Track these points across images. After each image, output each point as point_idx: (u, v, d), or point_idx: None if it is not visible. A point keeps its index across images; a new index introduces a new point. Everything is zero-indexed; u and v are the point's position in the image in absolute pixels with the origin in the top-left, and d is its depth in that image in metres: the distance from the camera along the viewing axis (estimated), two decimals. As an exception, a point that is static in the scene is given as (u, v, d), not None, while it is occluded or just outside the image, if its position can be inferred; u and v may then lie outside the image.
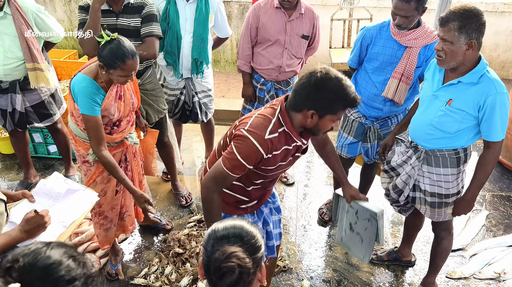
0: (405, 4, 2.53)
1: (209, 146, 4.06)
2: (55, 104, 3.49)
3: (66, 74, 4.35)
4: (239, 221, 1.37)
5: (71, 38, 5.45)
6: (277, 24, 3.18)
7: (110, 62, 2.27)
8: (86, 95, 2.32)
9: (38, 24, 3.20)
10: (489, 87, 2.14)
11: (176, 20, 3.20)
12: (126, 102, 2.55)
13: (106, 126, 2.51)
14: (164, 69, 3.40)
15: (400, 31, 2.69)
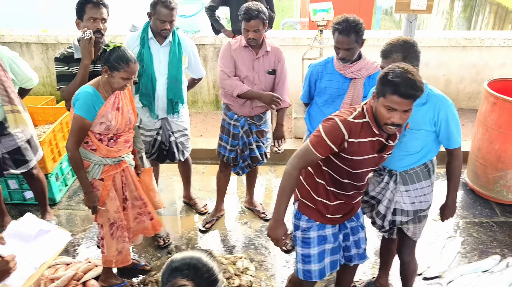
0: (346, 37, 2.73)
1: (186, 185, 4.09)
2: (31, 150, 3.47)
3: (43, 120, 4.39)
4: (198, 253, 1.40)
5: (48, 84, 5.52)
6: (246, 62, 3.31)
7: (115, 65, 2.55)
8: (86, 98, 2.59)
9: (13, 69, 3.26)
10: (438, 103, 2.36)
11: (150, 63, 3.31)
12: (124, 115, 2.74)
13: (103, 137, 2.71)
14: (140, 111, 3.47)
15: (344, 65, 2.86)
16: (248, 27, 3.16)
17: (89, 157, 2.75)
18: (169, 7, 3.17)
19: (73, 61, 2.99)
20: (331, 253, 2.48)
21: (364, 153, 2.16)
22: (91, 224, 3.88)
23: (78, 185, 4.39)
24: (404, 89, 1.96)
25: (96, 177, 2.79)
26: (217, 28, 4.59)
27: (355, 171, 2.23)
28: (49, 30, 5.35)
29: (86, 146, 2.73)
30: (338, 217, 2.43)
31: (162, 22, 3.19)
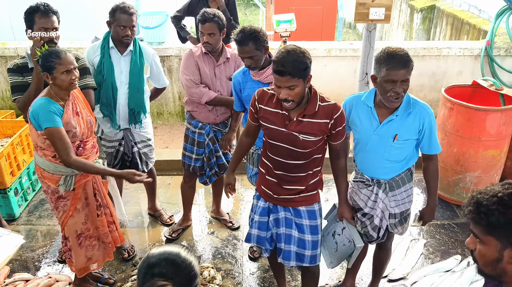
0: (244, 47, 2.83)
1: (151, 196, 4.03)
2: None
3: (1, 134, 4.27)
4: (176, 248, 1.37)
5: (8, 98, 5.38)
6: (208, 69, 3.32)
7: (49, 64, 2.50)
8: (45, 109, 2.52)
9: None
10: (422, 112, 2.46)
11: (111, 72, 3.28)
12: (84, 118, 2.72)
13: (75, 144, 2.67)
14: (101, 121, 3.43)
15: (257, 72, 2.96)
16: (203, 30, 3.17)
17: (59, 170, 2.68)
18: (128, 12, 3.16)
19: (27, 71, 2.90)
20: (258, 225, 2.67)
21: (272, 123, 2.40)
22: (52, 239, 3.77)
23: (38, 199, 4.26)
24: (276, 67, 2.20)
25: (69, 188, 2.72)
26: (182, 35, 4.60)
27: (271, 141, 2.45)
28: (8, 43, 5.23)
29: (55, 159, 2.65)
30: (269, 193, 2.59)
31: (123, 28, 3.17)
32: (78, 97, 2.77)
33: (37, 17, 2.81)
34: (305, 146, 2.38)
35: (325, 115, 2.34)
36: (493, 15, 5.46)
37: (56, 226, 3.92)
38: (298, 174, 2.49)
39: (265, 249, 2.74)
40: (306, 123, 2.35)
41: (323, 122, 2.35)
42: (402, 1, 9.68)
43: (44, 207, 4.16)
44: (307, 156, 2.43)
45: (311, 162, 2.46)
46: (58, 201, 2.77)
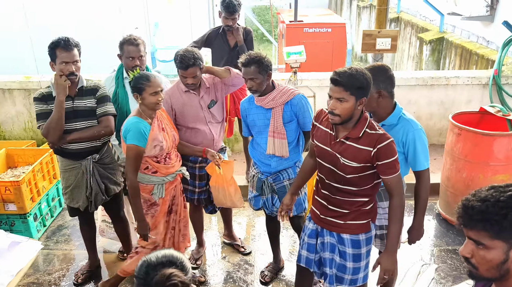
0: (247, 68, 2.98)
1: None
2: None
3: (23, 161, 4.46)
4: (168, 251, 1.51)
5: (29, 129, 5.61)
6: (193, 106, 3.30)
7: (139, 86, 2.82)
8: (136, 127, 2.84)
9: None
10: (407, 126, 2.54)
11: (125, 101, 3.45)
12: (169, 134, 3.02)
13: (159, 159, 2.98)
14: (117, 148, 3.57)
15: (259, 98, 3.08)
16: (185, 75, 3.17)
17: (152, 180, 3.01)
18: (134, 44, 3.34)
19: (51, 99, 3.05)
20: (307, 247, 2.71)
21: (321, 141, 2.47)
22: (68, 263, 3.86)
23: (56, 225, 4.39)
24: (332, 75, 2.27)
25: (162, 196, 3.05)
26: (198, 67, 4.80)
27: (318, 159, 2.51)
28: (32, 76, 5.51)
29: (147, 171, 2.99)
30: (317, 213, 2.62)
31: (131, 59, 3.35)
32: (162, 115, 3.06)
33: (59, 51, 2.97)
34: (345, 170, 2.36)
35: (368, 143, 2.30)
36: (500, 45, 5.58)
37: (72, 251, 4.02)
38: (340, 197, 2.47)
39: (314, 272, 2.76)
40: (347, 146, 2.34)
41: (365, 149, 2.31)
42: (412, 34, 9.89)
43: (61, 232, 4.29)
44: (349, 182, 2.39)
45: (356, 191, 2.42)
46: (150, 208, 3.08)
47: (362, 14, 14.13)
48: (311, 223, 2.69)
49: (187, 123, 3.32)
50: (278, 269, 3.68)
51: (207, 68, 3.36)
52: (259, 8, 16.95)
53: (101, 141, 3.21)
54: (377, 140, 2.28)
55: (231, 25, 4.48)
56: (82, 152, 3.15)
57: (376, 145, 2.28)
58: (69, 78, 2.98)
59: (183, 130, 3.33)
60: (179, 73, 3.21)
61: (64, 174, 3.23)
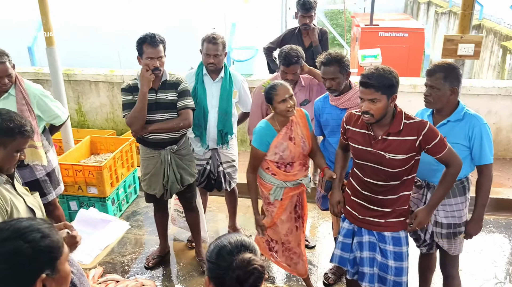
0: (328, 67, 3.00)
1: (232, 215, 4.23)
2: (50, 184, 3.48)
3: (105, 149, 4.77)
4: (238, 235, 1.55)
5: (111, 120, 5.99)
6: None
7: (269, 96, 2.89)
8: (259, 132, 2.98)
9: (40, 106, 3.35)
10: (473, 121, 2.58)
11: (204, 97, 3.60)
12: (297, 144, 2.99)
13: (280, 165, 3.02)
14: (193, 141, 3.73)
15: (335, 97, 3.09)
16: (287, 71, 3.41)
17: (271, 181, 3.07)
18: (212, 42, 3.48)
19: (137, 90, 3.23)
20: (341, 246, 2.76)
21: (358, 142, 2.52)
22: (140, 247, 4.09)
23: (131, 211, 4.66)
24: (362, 78, 2.35)
25: (278, 198, 3.09)
26: (272, 67, 4.90)
27: (358, 161, 2.53)
28: (116, 70, 5.88)
29: (268, 171, 3.06)
30: (355, 214, 2.65)
31: (207, 56, 3.50)
32: (298, 124, 3.04)
33: (145, 47, 3.15)
34: (392, 165, 2.43)
35: (411, 133, 2.40)
36: None
37: (145, 236, 4.25)
38: (384, 196, 2.53)
39: (347, 271, 2.80)
40: (391, 141, 2.42)
41: (410, 140, 2.40)
42: (494, 42, 9.36)
43: (135, 218, 4.54)
44: (395, 176, 2.47)
45: (399, 184, 2.50)
46: (268, 206, 3.17)
47: (440, 20, 13.59)
48: (346, 223, 2.74)
49: None
50: (342, 272, 3.66)
51: (309, 69, 3.53)
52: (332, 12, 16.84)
53: (179, 133, 3.37)
54: (419, 128, 2.38)
55: (307, 23, 4.52)
56: (161, 142, 3.32)
57: (420, 132, 2.37)
58: (154, 72, 3.16)
59: None
60: (280, 69, 3.44)
61: (144, 162, 3.42)
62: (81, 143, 4.63)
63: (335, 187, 2.87)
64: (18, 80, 3.26)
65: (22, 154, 2.06)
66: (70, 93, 5.83)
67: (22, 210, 2.05)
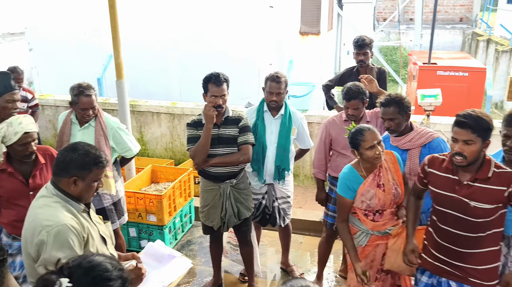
0: (387, 108, 3.02)
1: (285, 251, 4.23)
2: (115, 213, 3.65)
3: (164, 178, 4.96)
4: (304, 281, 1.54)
5: (169, 149, 6.22)
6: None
7: (354, 141, 2.78)
8: (343, 178, 2.87)
9: (115, 138, 3.58)
10: None
11: (263, 133, 3.69)
12: (387, 191, 2.81)
13: (368, 213, 2.86)
14: (250, 175, 3.81)
15: (395, 138, 3.06)
16: (348, 105, 3.47)
17: (357, 225, 2.93)
18: (275, 81, 3.60)
19: (201, 125, 3.38)
20: None
21: (441, 187, 2.43)
22: (193, 277, 4.16)
23: (186, 240, 4.77)
24: (458, 118, 2.28)
25: (362, 244, 2.92)
26: (330, 104, 4.96)
27: (439, 208, 2.43)
28: (177, 103, 6.15)
29: (355, 215, 2.92)
30: (436, 265, 2.50)
31: (270, 94, 3.61)
32: (389, 169, 2.86)
33: (210, 85, 3.32)
34: (476, 214, 2.31)
35: (501, 182, 2.28)
36: None
37: (198, 266, 4.32)
38: (467, 249, 2.38)
39: None
40: (477, 188, 2.31)
41: (498, 189, 2.28)
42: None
43: (189, 247, 4.64)
44: (479, 227, 2.33)
45: (485, 237, 2.35)
46: None
47: (500, 58, 13.19)
48: (425, 276, 2.60)
49: (339, 149, 3.58)
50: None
51: (378, 89, 3.58)
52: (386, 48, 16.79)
53: (239, 168, 3.46)
54: (511, 178, 2.28)
55: (362, 60, 4.56)
56: (221, 175, 3.42)
57: (510, 184, 2.26)
58: (217, 109, 3.30)
59: (336, 154, 3.63)
60: (343, 104, 3.55)
61: (204, 194, 3.53)
62: (143, 171, 4.84)
63: (409, 235, 2.72)
64: (99, 113, 3.52)
65: (99, 183, 2.20)
66: (134, 123, 6.14)
67: (96, 238, 2.17)
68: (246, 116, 3.52)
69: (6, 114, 3.08)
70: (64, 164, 2.10)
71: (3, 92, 3.16)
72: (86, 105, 3.43)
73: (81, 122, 3.52)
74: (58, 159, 2.13)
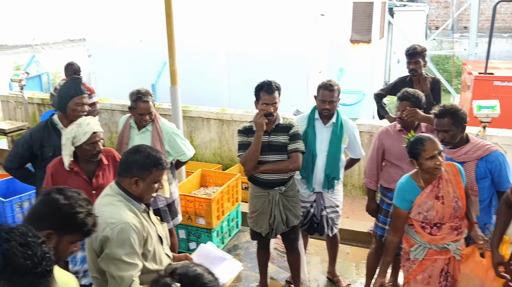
0: (441, 119, 2.95)
1: (332, 261, 4.19)
2: (169, 214, 3.78)
3: (213, 182, 5.07)
4: None
5: (218, 155, 6.33)
6: (401, 146, 3.37)
7: (414, 151, 2.72)
8: (399, 188, 2.84)
9: (170, 143, 3.71)
10: None
11: (313, 141, 3.70)
12: (446, 204, 2.71)
13: (425, 225, 2.77)
14: (298, 182, 3.81)
15: (450, 150, 2.98)
16: (401, 107, 3.44)
17: (414, 237, 2.84)
18: (328, 89, 3.60)
19: (252, 133, 3.43)
20: None
21: None
22: (239, 281, 4.20)
23: (232, 244, 4.83)
24: None
25: (419, 258, 2.82)
26: (381, 113, 4.90)
27: None
28: (227, 109, 6.26)
29: (412, 227, 2.84)
30: None
31: (322, 103, 3.61)
32: (450, 181, 2.77)
33: (262, 93, 3.36)
34: None
35: None
36: None
37: (244, 271, 4.35)
38: None
39: None
40: None
41: None
42: None
43: (236, 252, 4.70)
44: None
45: None
46: (406, 261, 2.93)
47: None
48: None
49: (392, 159, 3.55)
50: None
51: (423, 116, 3.44)
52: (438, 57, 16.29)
53: (288, 175, 3.48)
54: None
55: (414, 69, 4.48)
56: (271, 182, 3.46)
57: None
58: (267, 117, 3.34)
59: (388, 165, 3.60)
60: (397, 105, 3.54)
61: (253, 200, 3.58)
62: (193, 175, 4.96)
63: (494, 246, 2.62)
64: (156, 118, 3.66)
65: (159, 185, 2.30)
66: (185, 127, 6.30)
67: (154, 237, 2.26)
68: (297, 124, 3.54)
69: (74, 116, 3.25)
70: (127, 165, 2.21)
71: (73, 96, 3.34)
72: (143, 110, 3.58)
73: (139, 127, 3.68)
74: (122, 159, 2.25)
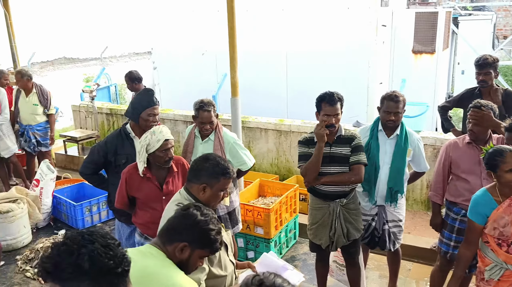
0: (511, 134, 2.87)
1: (393, 277, 4.06)
2: (229, 222, 3.82)
3: (271, 192, 5.09)
4: None
5: (275, 165, 6.36)
6: (469, 159, 3.35)
7: (493, 163, 2.60)
8: (475, 202, 2.74)
9: (231, 152, 3.78)
10: None
11: (376, 153, 3.62)
12: None
13: (502, 242, 2.66)
14: (360, 195, 3.75)
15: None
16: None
17: (490, 256, 2.73)
18: (394, 100, 3.51)
19: (313, 144, 3.40)
20: None
21: None
22: (297, 293, 4.17)
23: (290, 255, 4.81)
24: None
25: (495, 278, 2.72)
26: (446, 127, 4.73)
27: None
28: (285, 120, 6.29)
29: (487, 244, 2.73)
30: None
31: (388, 114, 3.53)
32: None
33: (323, 104, 3.32)
34: None
35: None
36: None
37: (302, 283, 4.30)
38: None
39: None
40: None
41: None
42: None
43: (293, 263, 4.66)
44: None
45: None
46: (480, 281, 2.83)
47: None
48: None
49: (459, 172, 3.43)
50: None
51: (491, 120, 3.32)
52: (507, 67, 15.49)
53: (349, 187, 3.43)
54: None
55: (484, 80, 4.28)
56: (331, 194, 3.42)
57: None
58: (328, 129, 3.30)
59: (455, 178, 3.48)
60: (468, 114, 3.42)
61: (313, 211, 3.55)
62: (252, 185, 5.02)
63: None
64: (218, 128, 3.76)
65: (225, 193, 2.35)
66: (243, 137, 6.38)
67: (220, 244, 2.31)
68: (359, 136, 3.49)
69: (146, 126, 3.42)
70: (196, 172, 2.29)
71: (146, 107, 3.52)
72: (205, 119, 3.69)
73: (203, 136, 3.79)
74: (192, 166, 2.34)
